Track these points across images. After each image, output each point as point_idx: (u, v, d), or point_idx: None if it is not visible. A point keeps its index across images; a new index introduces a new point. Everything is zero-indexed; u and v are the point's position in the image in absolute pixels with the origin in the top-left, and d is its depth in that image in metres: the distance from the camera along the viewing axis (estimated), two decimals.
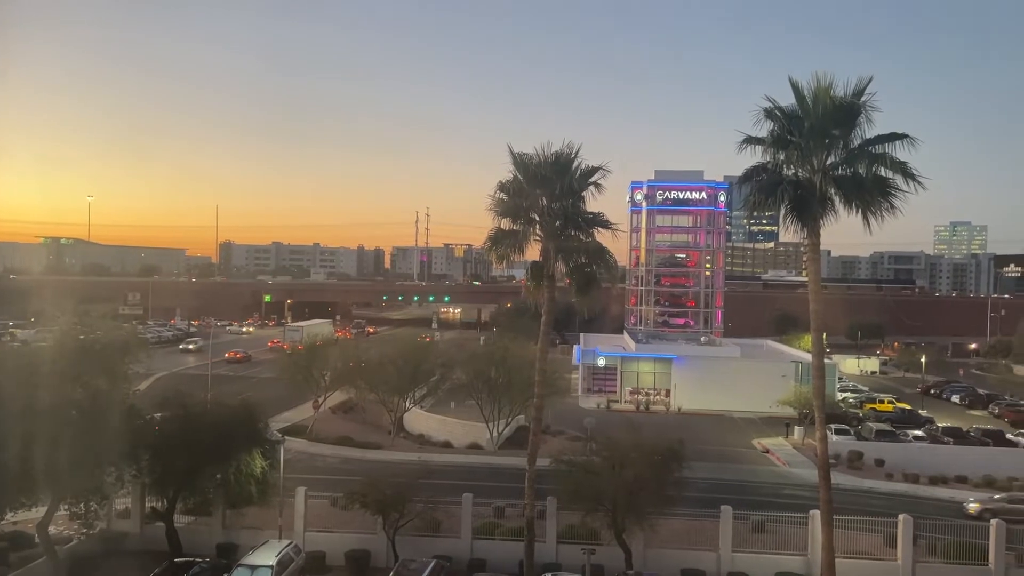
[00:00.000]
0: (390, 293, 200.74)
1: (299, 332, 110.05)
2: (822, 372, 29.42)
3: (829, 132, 26.99)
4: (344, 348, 69.66)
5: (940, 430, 63.25)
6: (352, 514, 34.42)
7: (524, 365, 51.61)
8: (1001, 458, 54.98)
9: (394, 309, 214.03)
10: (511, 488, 38.16)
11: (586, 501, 31.83)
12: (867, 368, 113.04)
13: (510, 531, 34.66)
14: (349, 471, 44.47)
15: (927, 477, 51.22)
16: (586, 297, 31.36)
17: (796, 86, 27.21)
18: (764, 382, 73.07)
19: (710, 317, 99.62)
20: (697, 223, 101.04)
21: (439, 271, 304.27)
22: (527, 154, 30.73)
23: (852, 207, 27.11)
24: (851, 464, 53.92)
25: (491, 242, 31.40)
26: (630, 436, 33.55)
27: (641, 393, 79.16)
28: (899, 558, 33.02)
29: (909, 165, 26.76)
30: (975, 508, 43.87)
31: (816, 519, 31.22)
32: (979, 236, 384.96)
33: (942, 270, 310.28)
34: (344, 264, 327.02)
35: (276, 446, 35.19)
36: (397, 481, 32.86)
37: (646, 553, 33.31)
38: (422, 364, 59.70)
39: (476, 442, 57.37)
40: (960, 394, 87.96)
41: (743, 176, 28.57)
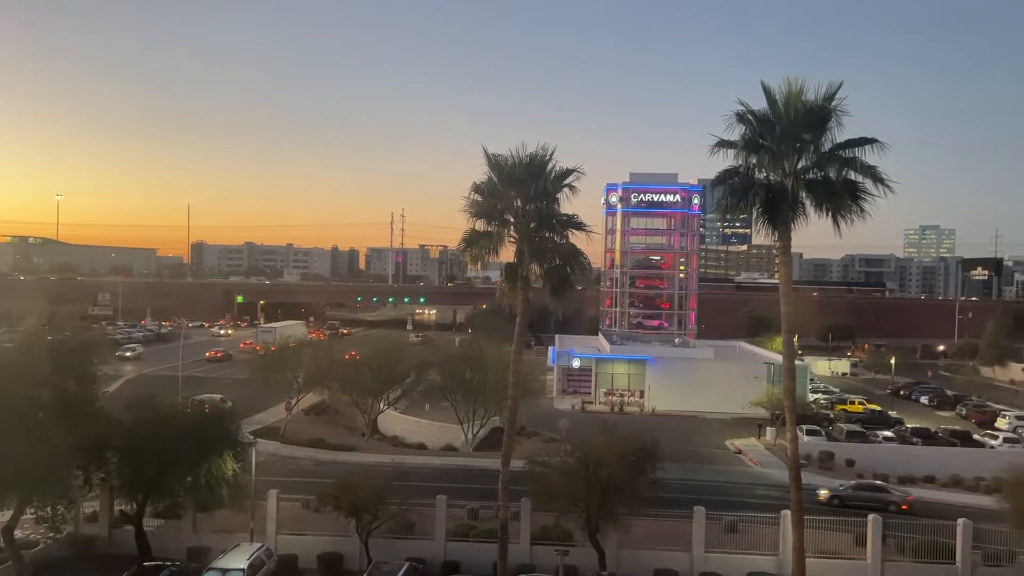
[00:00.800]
0: (364, 294, 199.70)
1: (272, 333, 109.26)
2: (793, 373, 29.74)
3: (800, 136, 27.28)
4: (317, 349, 69.15)
5: (909, 431, 64.24)
6: (325, 516, 34.22)
7: (499, 366, 51.61)
8: (968, 458, 55.85)
9: (369, 310, 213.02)
10: (485, 490, 38.11)
11: (560, 502, 31.91)
12: (838, 370, 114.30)
13: (484, 533, 34.64)
14: (322, 473, 44.15)
15: (896, 477, 51.86)
16: (560, 299, 31.39)
17: (768, 90, 27.49)
18: (737, 383, 73.67)
19: (684, 319, 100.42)
20: (671, 225, 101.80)
21: (414, 272, 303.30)
22: (502, 155, 30.75)
23: (822, 210, 27.44)
24: (822, 464, 54.52)
25: (465, 243, 31.37)
26: (604, 437, 33.67)
27: (615, 394, 79.46)
28: (868, 557, 33.45)
29: (879, 169, 27.15)
30: (824, 495, 45.81)
31: (787, 519, 31.50)
32: (948, 240, 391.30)
33: (912, 273, 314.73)
34: (318, 265, 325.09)
35: (248, 448, 34.83)
36: (371, 483, 32.69)
37: (619, 554, 33.45)
38: (396, 366, 59.44)
39: (451, 444, 57.27)
40: (929, 395, 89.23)
41: (715, 179, 28.80)
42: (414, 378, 61.08)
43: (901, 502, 44.71)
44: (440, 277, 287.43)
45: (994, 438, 62.99)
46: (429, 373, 60.80)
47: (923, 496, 48.46)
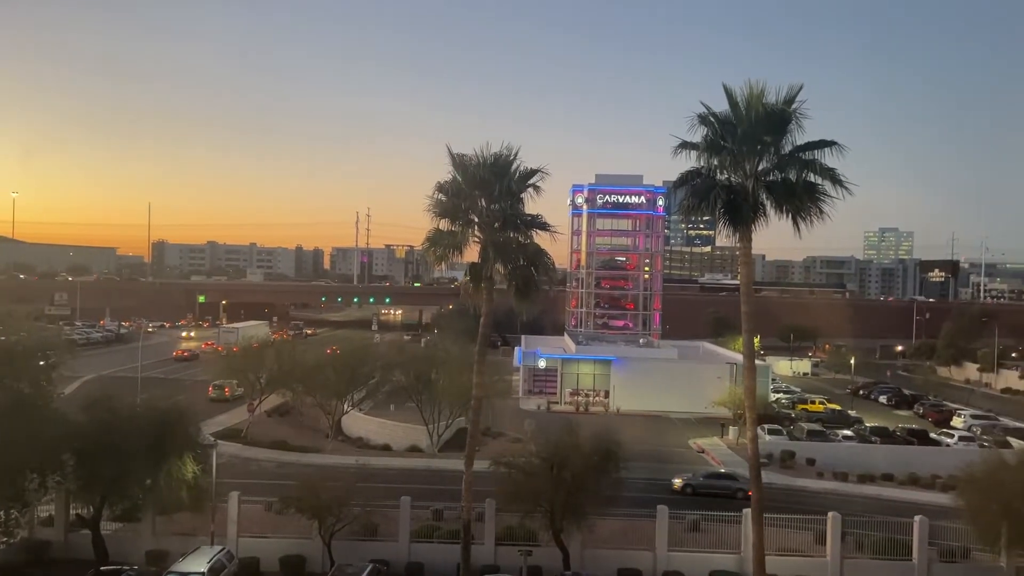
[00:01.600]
0: (329, 294, 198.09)
1: (235, 334, 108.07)
2: (754, 373, 30.13)
3: (761, 138, 27.64)
4: (281, 350, 68.38)
5: (868, 430, 65.14)
6: (287, 519, 33.92)
7: (464, 367, 51.50)
8: (925, 456, 56.93)
9: (333, 311, 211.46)
10: (450, 491, 38.09)
11: (525, 503, 31.97)
12: (799, 369, 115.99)
13: (448, 534, 34.57)
14: (285, 475, 43.72)
15: (856, 475, 52.72)
16: (525, 299, 31.44)
17: (730, 92, 27.80)
18: (700, 383, 74.30)
19: (648, 319, 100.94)
20: (636, 227, 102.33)
21: (380, 272, 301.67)
22: (466, 155, 30.71)
23: (783, 212, 27.84)
24: (783, 463, 55.24)
25: (429, 243, 31.32)
26: (569, 437, 33.80)
27: (581, 394, 79.76)
28: (828, 554, 33.98)
29: (838, 171, 27.63)
30: (678, 484, 47.43)
31: (748, 517, 31.87)
32: (906, 242, 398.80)
33: (871, 274, 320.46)
34: (282, 264, 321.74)
35: (209, 450, 34.44)
36: (334, 485, 32.47)
37: (583, 553, 33.59)
38: (361, 366, 59.04)
39: (416, 445, 57.03)
40: (887, 395, 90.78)
41: (678, 181, 29.08)
42: (379, 379, 60.70)
43: (747, 488, 45.64)
44: (406, 277, 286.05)
45: (950, 437, 64.11)
46: (394, 374, 60.47)
47: (881, 494, 49.42)
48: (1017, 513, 30.31)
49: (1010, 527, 31.07)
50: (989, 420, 72.41)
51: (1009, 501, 30.53)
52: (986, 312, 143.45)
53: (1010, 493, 30.65)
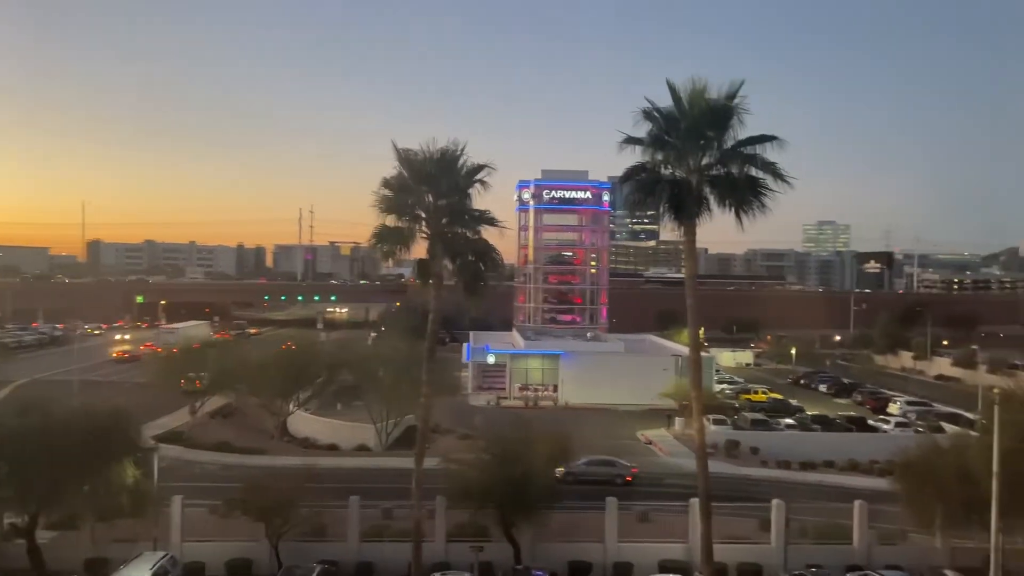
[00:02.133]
0: (272, 293, 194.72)
1: (174, 335, 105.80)
2: (699, 365, 30.60)
3: (704, 133, 28.03)
4: (223, 350, 67.14)
5: (809, 418, 66.76)
6: (233, 522, 33.32)
7: (413, 364, 51.14)
8: (863, 443, 58.55)
9: (277, 309, 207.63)
10: (400, 489, 37.71)
11: (475, 499, 31.97)
12: (742, 360, 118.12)
13: (399, 532, 34.36)
14: (230, 478, 42.80)
15: (798, 463, 53.98)
16: (474, 294, 31.39)
17: (673, 88, 28.12)
18: (647, 376, 75.26)
19: (596, 313, 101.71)
20: (583, 222, 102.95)
21: (325, 270, 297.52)
22: (412, 150, 30.48)
23: (726, 206, 28.28)
24: (728, 452, 56.26)
25: (376, 239, 30.99)
26: (519, 433, 33.95)
27: (530, 389, 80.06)
28: (772, 541, 34.74)
29: (778, 165, 28.18)
30: (560, 472, 46.12)
31: (695, 507, 32.36)
32: (843, 235, 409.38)
33: (810, 267, 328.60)
34: (223, 263, 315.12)
35: (150, 454, 33.61)
36: (280, 486, 32.02)
37: (535, 547, 33.72)
38: (307, 366, 58.23)
39: (364, 444, 56.47)
40: (827, 384, 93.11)
41: (623, 175, 29.33)
42: (325, 378, 59.95)
43: (626, 474, 47.98)
44: (352, 274, 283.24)
45: (887, 423, 66.13)
46: (341, 373, 59.80)
47: (823, 480, 50.67)
48: (950, 496, 31.42)
49: (944, 509, 32.23)
50: (923, 406, 74.70)
51: (943, 484, 31.63)
52: (920, 302, 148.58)
53: (943, 477, 31.75)
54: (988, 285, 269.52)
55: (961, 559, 33.98)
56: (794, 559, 34.49)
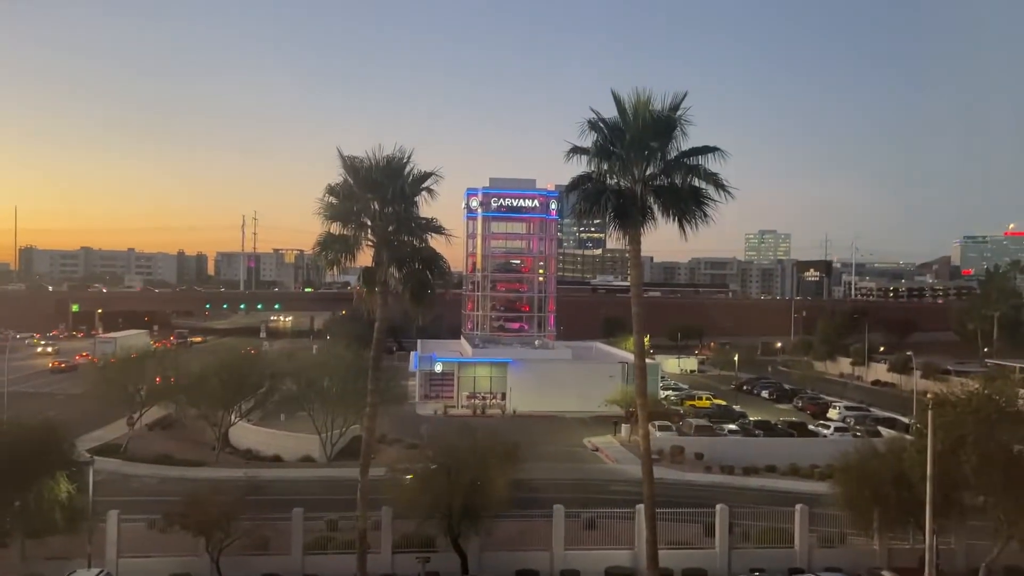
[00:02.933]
0: (214, 301, 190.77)
1: (112, 344, 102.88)
2: (644, 372, 30.89)
3: (648, 144, 28.41)
4: (163, 360, 65.35)
5: (752, 424, 67.87)
6: (172, 536, 32.35)
7: (358, 373, 50.59)
8: (804, 447, 59.69)
9: (219, 318, 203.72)
10: (346, 500, 37.19)
11: (422, 508, 31.67)
12: (687, 367, 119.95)
13: (344, 544, 33.86)
14: (169, 491, 41.75)
15: (741, 468, 54.80)
16: (421, 303, 31.16)
17: (618, 99, 28.44)
18: (594, 383, 75.76)
19: (543, 321, 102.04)
20: (530, 230, 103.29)
21: (268, 278, 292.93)
22: (358, 157, 30.23)
23: (670, 215, 28.71)
24: (673, 459, 56.89)
25: (320, 247, 30.58)
26: (466, 441, 33.75)
27: (478, 397, 79.88)
28: (716, 546, 35.20)
29: (720, 176, 28.71)
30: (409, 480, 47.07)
31: (641, 513, 32.61)
32: (784, 243, 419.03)
33: (752, 275, 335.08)
34: (163, 271, 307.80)
35: (84, 468, 32.50)
36: (222, 499, 31.25)
37: (482, 556, 33.59)
38: (249, 375, 57.10)
39: (308, 454, 55.58)
40: (769, 390, 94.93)
41: (569, 185, 29.56)
42: (268, 388, 58.85)
43: None
44: (296, 282, 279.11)
45: (826, 428, 67.63)
46: (284, 382, 58.78)
47: (765, 485, 51.55)
48: (887, 499, 32.26)
49: (881, 512, 33.05)
50: (861, 411, 76.67)
51: (880, 487, 32.45)
52: (857, 309, 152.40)
53: (881, 480, 32.57)
54: (922, 293, 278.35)
55: (898, 560, 34.91)
56: (738, 563, 35.03)
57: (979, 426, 30.13)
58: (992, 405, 31.19)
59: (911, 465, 31.69)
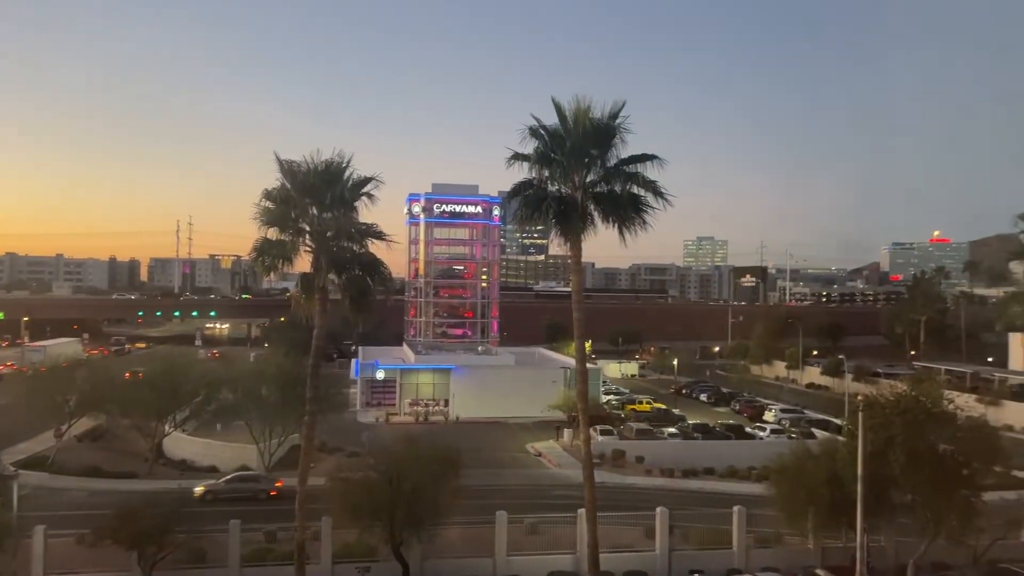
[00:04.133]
0: (147, 308, 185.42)
1: (40, 353, 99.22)
2: (586, 376, 31.17)
3: (588, 151, 28.73)
4: (94, 369, 63.24)
5: (691, 427, 68.86)
6: (103, 551, 31.37)
7: (297, 381, 49.75)
8: (741, 449, 60.95)
9: (152, 326, 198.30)
10: (285, 511, 36.55)
11: (363, 518, 31.29)
12: (628, 371, 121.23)
13: (282, 556, 33.15)
14: (99, 504, 40.33)
15: (681, 471, 55.58)
16: (361, 309, 30.87)
17: (558, 106, 28.70)
18: (537, 388, 76.06)
19: (487, 327, 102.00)
20: (473, 236, 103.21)
21: (204, 284, 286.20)
22: (296, 162, 29.82)
23: (610, 222, 29.04)
24: (615, 462, 57.37)
25: (257, 252, 30.06)
26: (408, 448, 33.49)
27: (421, 404, 79.36)
28: (657, 548, 35.63)
29: (659, 184, 29.18)
30: (199, 491, 46.52)
31: (583, 517, 32.82)
32: (721, 250, 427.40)
33: (691, 280, 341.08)
34: (94, 277, 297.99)
35: (8, 481, 31.31)
36: (154, 511, 30.38)
37: (424, 565, 33.35)
38: (183, 384, 55.63)
39: (246, 464, 54.33)
40: (707, 393, 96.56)
41: (511, 191, 29.69)
42: (204, 397, 57.44)
43: (270, 489, 47.24)
44: (233, 289, 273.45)
45: (762, 430, 69.09)
46: (221, 391, 57.44)
47: (704, 487, 52.40)
48: (821, 499, 33.14)
49: (816, 512, 33.93)
50: (796, 413, 78.49)
51: (814, 488, 33.32)
52: (791, 314, 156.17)
53: (815, 481, 33.45)
54: (853, 298, 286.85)
55: (831, 559, 35.87)
56: (678, 565, 35.53)
57: (907, 427, 31.22)
58: (919, 406, 32.35)
59: (843, 465, 32.66)
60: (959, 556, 34.32)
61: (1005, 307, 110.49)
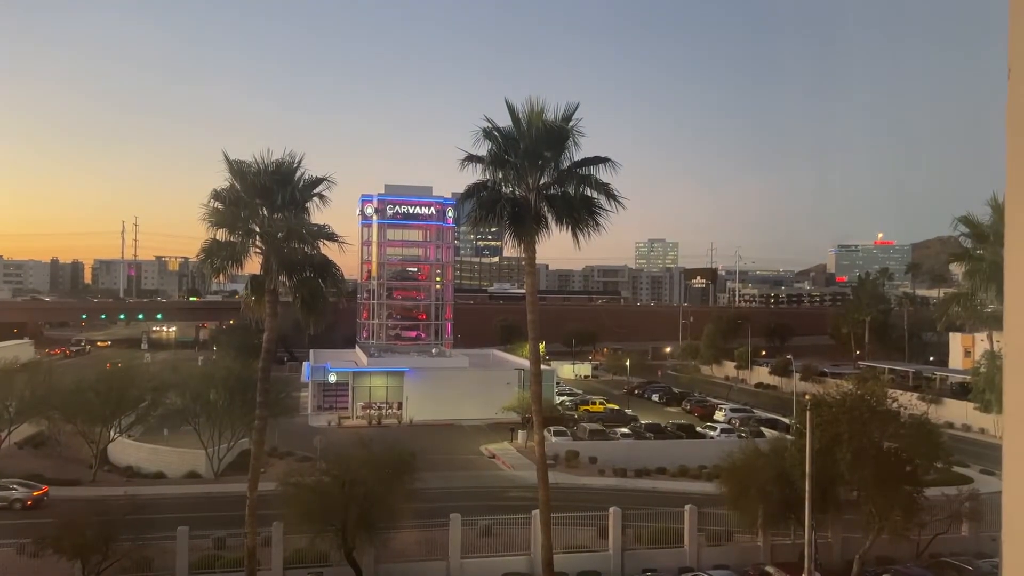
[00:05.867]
0: (91, 311, 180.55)
1: None
2: (539, 378, 31.26)
3: (541, 153, 28.84)
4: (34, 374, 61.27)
5: (643, 427, 69.46)
6: (45, 562, 30.48)
7: (247, 385, 48.95)
8: (692, 449, 61.70)
9: (96, 329, 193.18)
10: (234, 516, 35.87)
11: (315, 523, 30.91)
12: (581, 372, 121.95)
13: (232, 562, 32.65)
14: (40, 513, 39.25)
15: (633, 471, 56.07)
16: (313, 312, 30.52)
17: (512, 108, 28.75)
18: (491, 390, 75.95)
19: (441, 329, 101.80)
20: (427, 237, 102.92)
21: (150, 286, 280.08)
22: (245, 162, 29.39)
23: (563, 224, 29.17)
24: (568, 463, 57.63)
25: (205, 254, 29.52)
26: (361, 452, 33.19)
27: (373, 407, 78.70)
28: (610, 548, 35.88)
29: (611, 186, 29.40)
30: None
31: (537, 519, 32.89)
32: (672, 252, 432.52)
33: (642, 282, 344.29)
34: (35, 279, 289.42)
35: None
36: (99, 519, 29.59)
37: (377, 569, 33.08)
38: (128, 389, 54.31)
39: (194, 470, 53.33)
40: (659, 393, 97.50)
41: (465, 192, 29.66)
42: (150, 402, 56.13)
43: (27, 499, 44.28)
44: (181, 291, 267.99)
45: (713, 429, 69.90)
46: (168, 395, 56.21)
47: (656, 486, 52.94)
48: (770, 496, 33.77)
49: (765, 509, 34.55)
50: (745, 412, 79.81)
51: (763, 486, 33.93)
52: (740, 315, 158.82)
53: (764, 479, 34.08)
54: (800, 299, 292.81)
55: (780, 555, 36.55)
56: (631, 564, 35.83)
57: (853, 425, 31.97)
58: (864, 405, 33.16)
59: (792, 463, 33.30)
60: (903, 550, 35.29)
61: (945, 307, 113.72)
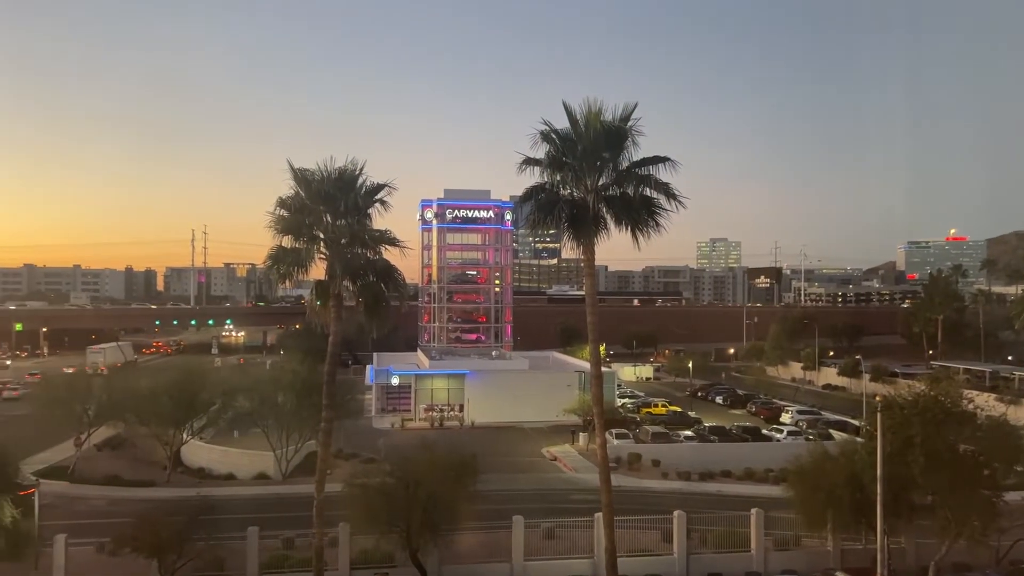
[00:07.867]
0: (164, 317, 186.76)
1: (101, 354, 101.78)
2: (600, 380, 31.07)
3: (600, 154, 28.65)
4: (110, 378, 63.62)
5: (707, 429, 68.55)
6: (123, 560, 31.54)
7: (313, 388, 49.91)
8: (758, 451, 60.61)
9: (169, 334, 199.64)
10: (302, 517, 36.64)
11: (380, 524, 31.29)
12: (642, 375, 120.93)
13: (300, 562, 33.24)
14: (118, 513, 40.75)
15: (697, 474, 55.32)
16: (375, 316, 30.93)
17: (569, 110, 28.65)
18: (551, 392, 75.97)
19: (500, 331, 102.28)
20: (486, 241, 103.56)
21: (219, 293, 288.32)
22: (309, 170, 29.97)
23: (622, 225, 28.95)
24: (631, 466, 57.20)
25: (272, 261, 30.16)
26: (424, 454, 33.54)
27: (435, 410, 79.45)
28: (675, 552, 35.45)
29: (672, 186, 29.07)
30: None
31: (600, 521, 32.72)
32: (735, 251, 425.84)
33: (704, 282, 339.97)
34: (111, 287, 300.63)
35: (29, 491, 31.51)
36: (174, 520, 30.57)
37: (441, 570, 33.35)
38: (200, 392, 55.95)
39: (263, 472, 54.61)
40: (723, 395, 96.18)
41: (523, 196, 29.66)
42: (220, 405, 57.73)
43: None
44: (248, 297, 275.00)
45: (779, 432, 68.56)
46: (237, 399, 57.73)
47: (721, 490, 52.13)
48: (840, 500, 32.86)
49: (834, 513, 33.65)
50: (813, 415, 77.96)
51: (832, 489, 33.05)
52: (807, 315, 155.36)
53: (833, 482, 33.18)
54: (869, 298, 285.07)
55: (851, 560, 35.57)
56: (696, 568, 35.33)
57: (926, 427, 30.94)
58: (938, 406, 32.06)
59: (862, 467, 32.38)
60: (981, 557, 33.99)
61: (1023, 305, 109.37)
